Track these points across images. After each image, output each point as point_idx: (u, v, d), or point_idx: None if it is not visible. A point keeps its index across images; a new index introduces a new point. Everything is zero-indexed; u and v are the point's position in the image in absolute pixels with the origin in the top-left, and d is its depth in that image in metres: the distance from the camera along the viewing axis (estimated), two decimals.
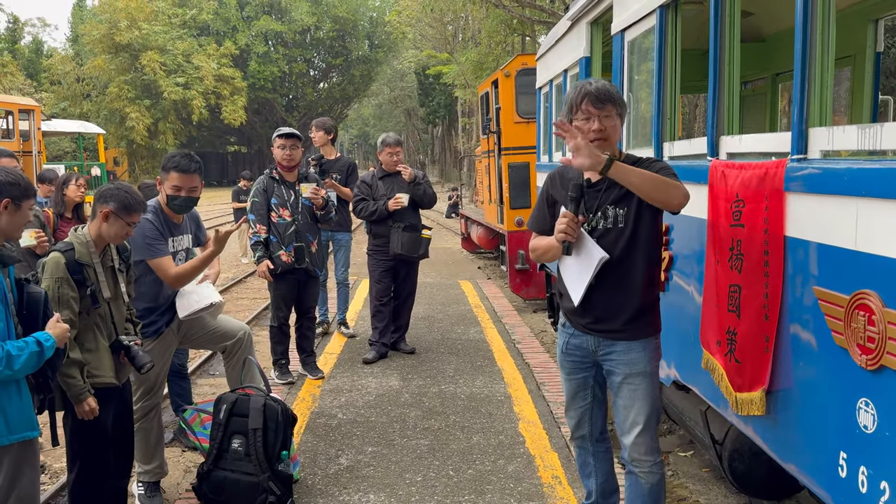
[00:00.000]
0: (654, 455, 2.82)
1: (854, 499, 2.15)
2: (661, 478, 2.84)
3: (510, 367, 5.80)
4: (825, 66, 2.40)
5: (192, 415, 3.82)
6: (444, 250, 14.05)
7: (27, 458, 2.59)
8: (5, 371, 2.39)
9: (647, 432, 2.79)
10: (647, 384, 2.78)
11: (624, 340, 2.77)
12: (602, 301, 2.77)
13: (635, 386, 2.77)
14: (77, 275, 2.98)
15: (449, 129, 49.59)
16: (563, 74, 6.05)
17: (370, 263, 6.13)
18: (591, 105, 2.64)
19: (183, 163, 3.70)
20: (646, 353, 2.78)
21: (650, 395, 2.78)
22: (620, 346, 2.78)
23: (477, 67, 25.97)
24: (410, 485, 3.76)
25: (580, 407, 3.00)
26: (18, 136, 16.17)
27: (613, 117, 2.66)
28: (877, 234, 2.04)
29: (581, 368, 2.94)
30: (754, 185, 2.66)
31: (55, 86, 44.12)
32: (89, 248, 3.06)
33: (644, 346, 2.77)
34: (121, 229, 3.09)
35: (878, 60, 4.49)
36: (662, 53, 3.64)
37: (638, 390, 2.77)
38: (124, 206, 3.06)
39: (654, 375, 2.81)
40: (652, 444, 2.81)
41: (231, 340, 4.03)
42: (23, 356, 2.43)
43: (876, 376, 2.04)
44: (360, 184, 6.10)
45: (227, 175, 54.05)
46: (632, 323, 2.76)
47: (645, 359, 2.77)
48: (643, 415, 2.77)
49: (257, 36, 49.63)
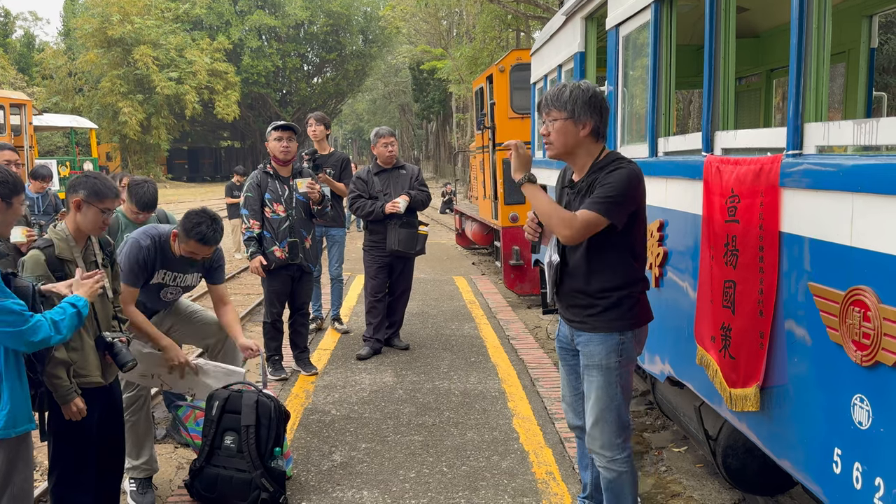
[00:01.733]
0: (612, 451, 2.86)
1: (849, 495, 2.15)
2: (621, 475, 2.87)
3: (504, 363, 5.79)
4: (821, 61, 2.39)
5: (186, 411, 3.80)
6: (438, 246, 14.04)
7: (21, 454, 2.56)
8: (56, 336, 2.52)
9: (601, 426, 2.85)
10: (602, 378, 2.82)
11: (585, 332, 2.86)
12: (567, 294, 2.91)
13: (592, 378, 2.85)
14: (58, 271, 2.92)
15: (443, 125, 49.54)
16: (557, 70, 6.03)
17: (366, 259, 6.10)
18: (539, 111, 2.85)
19: (208, 234, 3.62)
20: (603, 347, 2.81)
21: (605, 389, 2.82)
22: (583, 336, 2.88)
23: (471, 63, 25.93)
24: (404, 481, 3.75)
25: (571, 395, 3.10)
26: (10, 130, 16.06)
27: (559, 120, 2.77)
28: (872, 230, 2.03)
29: (568, 355, 3.07)
30: (749, 181, 2.65)
31: (47, 80, 43.87)
32: (69, 242, 2.99)
33: (603, 340, 2.81)
34: (96, 217, 2.99)
35: (873, 56, 4.49)
36: (657, 49, 3.63)
37: (594, 383, 2.84)
38: (94, 192, 2.98)
39: (613, 371, 2.82)
40: (607, 439, 2.85)
41: (213, 339, 4.00)
42: (66, 320, 2.56)
43: (871, 372, 2.04)
44: (355, 180, 6.06)
45: (220, 170, 53.90)
46: (590, 317, 2.84)
47: (602, 353, 2.81)
48: (597, 408, 2.84)
49: (251, 30, 49.45)
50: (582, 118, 2.75)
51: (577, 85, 2.78)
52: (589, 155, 2.83)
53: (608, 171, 2.75)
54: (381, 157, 6.01)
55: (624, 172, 2.72)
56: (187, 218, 3.65)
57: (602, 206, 2.68)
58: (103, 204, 2.99)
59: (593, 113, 2.77)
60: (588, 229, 2.71)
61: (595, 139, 2.82)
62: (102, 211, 2.99)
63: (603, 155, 2.84)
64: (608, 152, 2.86)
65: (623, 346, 2.83)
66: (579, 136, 2.78)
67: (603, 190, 2.71)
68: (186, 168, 53.09)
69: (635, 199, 2.76)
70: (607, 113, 2.84)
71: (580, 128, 2.77)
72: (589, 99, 2.75)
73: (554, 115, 2.79)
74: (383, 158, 6.00)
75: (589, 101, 2.75)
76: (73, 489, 3.08)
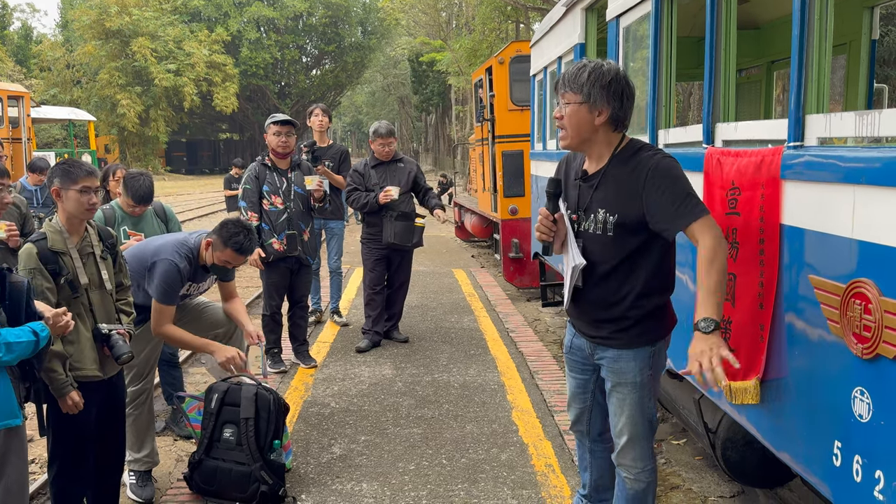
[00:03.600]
0: (644, 462, 2.70)
1: (849, 488, 2.14)
2: (648, 486, 2.74)
3: (504, 356, 5.79)
4: (822, 52, 2.38)
5: (192, 404, 3.78)
6: (437, 239, 14.02)
7: (12, 447, 2.55)
8: (4, 357, 2.42)
9: (635, 442, 2.67)
10: (635, 395, 2.62)
11: (613, 348, 2.62)
12: (591, 308, 2.63)
13: (623, 396, 2.64)
14: (52, 264, 2.89)
15: (443, 117, 49.44)
16: (557, 61, 6.00)
17: (364, 252, 6.10)
18: (556, 90, 2.56)
19: (245, 244, 3.71)
20: (636, 364, 2.59)
21: (639, 405, 2.63)
22: (610, 353, 2.64)
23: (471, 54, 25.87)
24: (403, 473, 3.76)
25: (579, 406, 2.93)
26: (7, 122, 16.02)
27: (573, 104, 2.47)
28: (874, 222, 2.02)
29: (582, 370, 2.84)
30: (750, 173, 2.64)
31: (45, 72, 43.70)
32: (63, 234, 2.97)
33: (634, 356, 2.59)
34: (77, 199, 2.95)
35: (874, 48, 4.47)
36: (658, 40, 3.61)
37: (626, 400, 2.63)
38: (66, 176, 2.95)
39: (646, 386, 2.63)
40: (640, 452, 2.68)
41: (220, 330, 4.00)
42: (21, 345, 2.45)
43: (872, 365, 2.03)
44: (352, 172, 6.04)
45: (218, 162, 53.76)
46: (620, 333, 2.59)
47: (634, 369, 2.59)
48: (630, 426, 2.65)
49: (249, 22, 49.23)
50: (598, 104, 2.45)
51: (598, 65, 2.46)
52: (607, 144, 2.53)
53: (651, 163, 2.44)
54: (378, 154, 5.99)
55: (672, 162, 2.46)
56: (225, 228, 3.72)
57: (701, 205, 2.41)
58: (77, 185, 2.94)
59: (612, 99, 2.45)
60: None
61: (613, 127, 2.51)
62: (81, 192, 2.94)
63: (624, 143, 2.54)
64: (629, 140, 2.57)
65: (654, 357, 2.63)
66: (594, 124, 2.48)
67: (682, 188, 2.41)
68: (185, 160, 52.97)
69: None
70: (631, 99, 2.52)
71: (595, 115, 2.46)
72: (609, 83, 2.43)
73: (568, 97, 2.48)
74: (380, 155, 5.98)
75: (608, 84, 2.44)
76: (72, 482, 3.07)
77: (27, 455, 2.71)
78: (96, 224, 3.20)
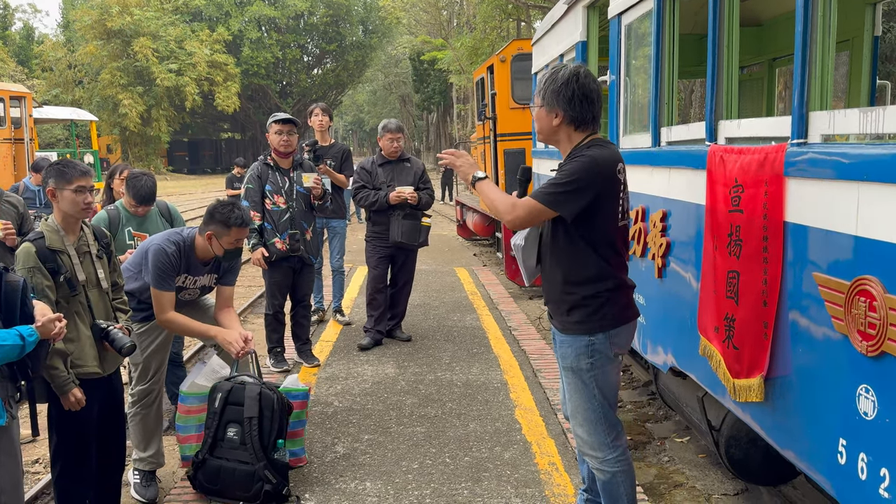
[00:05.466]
0: (602, 451, 2.78)
1: (854, 485, 2.14)
2: (614, 476, 2.78)
3: (506, 355, 5.79)
4: (826, 48, 2.37)
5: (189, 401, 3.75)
6: (439, 237, 14.02)
7: (1, 447, 2.53)
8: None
9: (583, 428, 2.80)
10: (576, 381, 2.77)
11: (559, 333, 2.81)
12: (545, 290, 2.89)
13: (568, 380, 2.82)
14: (50, 262, 2.92)
15: (444, 116, 49.43)
16: (559, 59, 5.99)
17: (368, 250, 6.09)
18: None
19: (245, 216, 3.74)
20: (572, 350, 2.74)
21: (581, 391, 2.76)
22: (559, 337, 2.83)
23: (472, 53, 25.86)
24: (407, 472, 3.76)
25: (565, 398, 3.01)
26: (10, 123, 16.03)
27: (536, 108, 2.79)
28: (878, 220, 2.01)
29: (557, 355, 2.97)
30: (753, 170, 2.63)
31: (47, 72, 43.74)
32: (60, 233, 2.99)
33: (572, 342, 2.74)
34: (73, 199, 2.97)
35: (876, 44, 4.46)
36: (660, 38, 3.60)
37: (571, 385, 2.80)
38: (60, 176, 2.97)
39: (585, 373, 2.73)
40: (594, 440, 2.78)
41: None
42: (5, 348, 2.39)
43: (877, 363, 2.03)
44: (359, 170, 6.03)
45: (220, 162, 53.77)
46: (561, 317, 2.78)
47: (572, 355, 2.75)
48: (577, 411, 2.80)
49: (250, 21, 49.23)
50: (553, 108, 2.72)
51: (555, 71, 2.73)
52: (569, 142, 2.75)
53: (572, 158, 2.68)
54: (386, 151, 5.99)
55: (582, 161, 2.61)
56: (218, 212, 3.68)
57: (548, 197, 2.62)
58: (72, 184, 2.97)
59: (564, 103, 2.69)
60: (531, 217, 2.66)
61: (575, 127, 2.72)
62: (76, 191, 2.97)
63: (584, 142, 2.72)
64: (592, 139, 2.72)
65: (593, 347, 2.71)
66: (552, 125, 2.74)
67: (553, 178, 2.66)
68: (187, 160, 53.00)
69: (590, 189, 2.58)
70: (588, 101, 2.68)
71: (553, 117, 2.73)
72: (559, 88, 2.68)
73: (536, 101, 2.81)
74: (388, 151, 5.98)
75: (558, 90, 2.69)
76: (75, 482, 3.08)
77: (20, 454, 2.69)
78: (91, 224, 3.22)
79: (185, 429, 3.67)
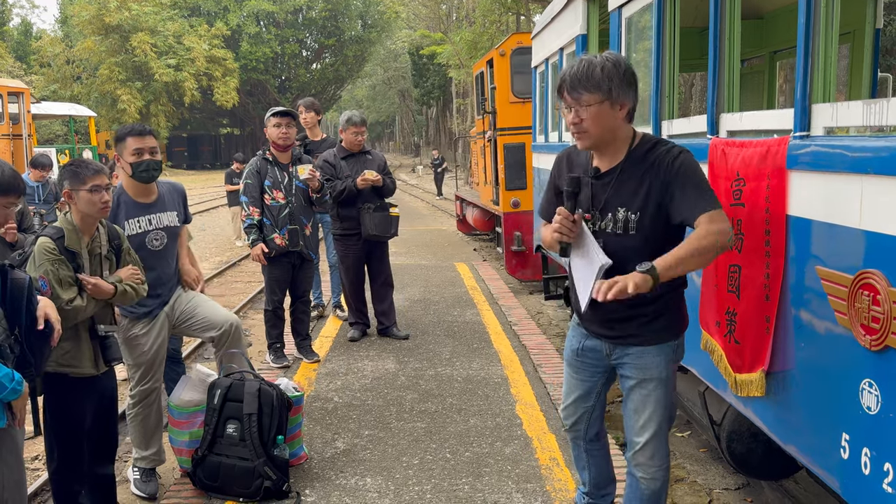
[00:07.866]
0: (662, 460, 2.63)
1: (857, 480, 2.13)
2: (664, 483, 2.67)
3: (507, 350, 5.78)
4: (829, 41, 2.35)
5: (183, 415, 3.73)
6: (439, 232, 14.00)
7: (4, 446, 2.51)
8: None
9: (657, 438, 2.61)
10: (660, 390, 2.58)
11: (636, 346, 2.58)
12: (611, 307, 2.45)
13: (648, 392, 2.59)
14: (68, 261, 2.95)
15: (444, 110, 49.36)
16: (559, 53, 5.97)
17: (339, 248, 6.03)
18: (567, 93, 2.40)
19: (136, 127, 3.67)
20: (660, 359, 2.56)
21: (663, 400, 2.59)
22: (633, 350, 2.58)
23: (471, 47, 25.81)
24: (407, 468, 3.75)
25: (582, 409, 2.86)
26: (8, 119, 15.99)
27: (594, 105, 2.35)
28: (882, 212, 2.00)
29: (593, 373, 2.78)
30: (755, 164, 2.62)
31: (45, 68, 43.64)
32: (78, 233, 3.02)
33: (659, 351, 2.56)
34: (90, 199, 2.98)
35: (878, 37, 4.43)
36: (661, 31, 3.58)
37: (651, 396, 2.58)
38: (75, 177, 2.99)
39: (669, 381, 2.60)
40: (661, 449, 2.63)
41: (217, 332, 3.92)
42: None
43: (880, 357, 2.01)
44: (322, 164, 5.86)
45: (219, 157, 53.76)
46: (643, 328, 2.55)
47: (660, 364, 2.56)
48: (654, 421, 2.59)
49: (249, 16, 49.11)
50: (619, 98, 2.36)
51: (606, 59, 2.36)
52: (624, 140, 2.47)
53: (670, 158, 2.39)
54: (350, 143, 5.88)
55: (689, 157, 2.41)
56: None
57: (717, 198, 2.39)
58: (87, 185, 2.98)
59: (631, 90, 2.39)
60: None
61: (629, 120, 2.45)
62: (91, 191, 2.98)
63: (638, 138, 2.49)
64: (641, 135, 2.51)
65: (679, 350, 2.61)
66: (617, 120, 2.40)
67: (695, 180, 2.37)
68: (186, 155, 52.96)
69: None
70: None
71: (618, 109, 2.38)
72: (624, 74, 2.35)
73: (586, 99, 2.35)
74: (351, 144, 5.89)
75: (624, 76, 2.36)
76: (70, 479, 3.10)
77: (22, 453, 2.68)
78: (107, 224, 3.23)
79: (178, 441, 3.67)
